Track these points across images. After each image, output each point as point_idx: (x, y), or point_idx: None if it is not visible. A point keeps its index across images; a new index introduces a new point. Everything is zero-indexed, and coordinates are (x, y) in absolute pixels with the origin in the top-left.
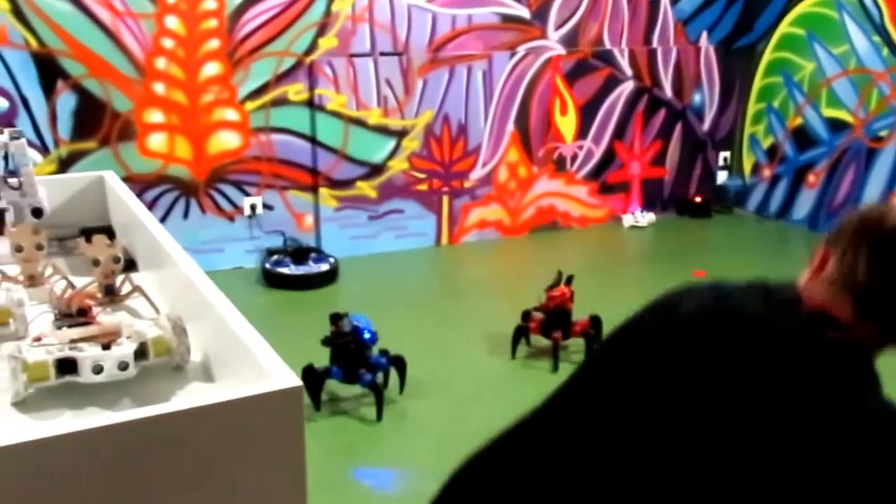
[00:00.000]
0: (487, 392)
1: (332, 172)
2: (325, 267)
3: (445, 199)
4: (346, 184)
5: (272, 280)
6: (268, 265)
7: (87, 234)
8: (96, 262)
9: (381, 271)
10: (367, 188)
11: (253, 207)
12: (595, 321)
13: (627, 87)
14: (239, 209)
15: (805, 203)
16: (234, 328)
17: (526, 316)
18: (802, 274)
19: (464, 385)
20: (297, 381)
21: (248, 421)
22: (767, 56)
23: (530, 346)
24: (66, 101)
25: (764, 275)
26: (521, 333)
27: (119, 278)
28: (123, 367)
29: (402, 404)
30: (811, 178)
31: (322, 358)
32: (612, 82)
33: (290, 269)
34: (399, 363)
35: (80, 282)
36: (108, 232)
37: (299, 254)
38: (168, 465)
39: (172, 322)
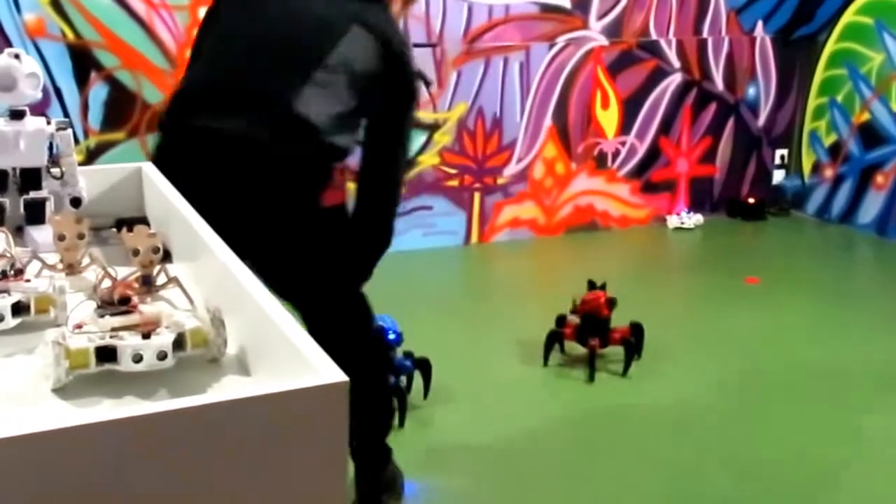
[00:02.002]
0: (516, 401)
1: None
2: None
3: (477, 195)
4: None
5: None
6: None
7: (123, 224)
8: (136, 252)
9: (407, 270)
10: None
11: None
12: (636, 329)
13: (675, 80)
14: None
15: (872, 206)
16: (274, 319)
17: (561, 321)
18: None
19: (492, 392)
20: (343, 376)
21: (293, 415)
22: (830, 47)
23: (564, 354)
24: (99, 93)
25: (827, 285)
26: (554, 339)
27: (156, 269)
28: (162, 356)
29: (426, 411)
30: (879, 178)
31: None
32: (658, 75)
33: None
34: (424, 366)
35: (115, 272)
36: (144, 223)
37: None
38: (206, 458)
39: (211, 313)
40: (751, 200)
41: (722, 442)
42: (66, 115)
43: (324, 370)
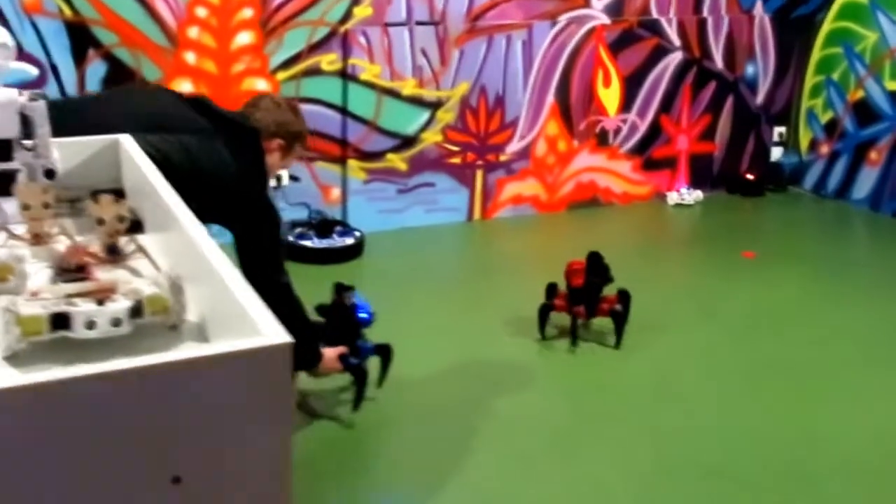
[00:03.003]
0: (509, 372)
1: (362, 144)
2: (350, 241)
3: (479, 172)
4: (376, 156)
5: (295, 253)
6: (291, 238)
7: (97, 195)
8: (100, 221)
9: (408, 246)
10: (397, 160)
11: (279, 179)
12: (623, 296)
13: (675, 59)
14: None
15: (866, 182)
16: (231, 287)
17: (551, 293)
18: None
19: (486, 363)
20: (286, 338)
21: (235, 375)
22: (827, 26)
23: (552, 326)
24: (96, 70)
25: (821, 259)
26: (546, 311)
27: (124, 239)
28: (117, 323)
29: (417, 380)
30: (873, 155)
31: None
32: (658, 53)
33: (313, 243)
34: (384, 352)
35: (85, 242)
36: (119, 194)
37: (324, 227)
38: (153, 418)
39: (170, 281)
40: (749, 177)
41: (708, 411)
42: (62, 92)
43: (267, 332)
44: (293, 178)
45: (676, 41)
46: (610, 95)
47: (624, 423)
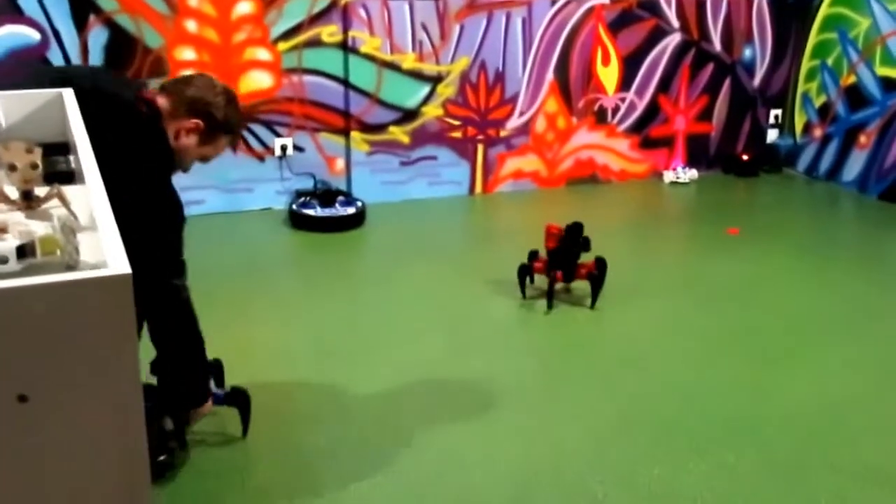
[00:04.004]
0: (489, 333)
1: (364, 116)
2: (351, 210)
3: (480, 147)
4: (379, 128)
5: (298, 221)
6: (294, 206)
7: (46, 149)
8: (12, 168)
9: (410, 218)
10: (399, 133)
11: (283, 148)
12: (600, 263)
13: (674, 40)
14: (269, 150)
15: (855, 164)
16: (103, 231)
17: (532, 256)
18: None
19: (468, 325)
20: (126, 269)
21: (77, 303)
22: (823, 11)
23: (534, 286)
24: (98, 36)
25: (803, 237)
26: (525, 272)
27: (45, 188)
28: (4, 261)
29: (401, 342)
30: (862, 138)
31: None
32: (657, 34)
33: (316, 212)
34: (241, 400)
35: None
36: (65, 148)
37: (326, 196)
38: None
39: (62, 222)
40: (745, 158)
41: (668, 373)
42: (65, 58)
43: (113, 265)
44: (298, 148)
45: (675, 23)
46: (609, 74)
47: (588, 382)
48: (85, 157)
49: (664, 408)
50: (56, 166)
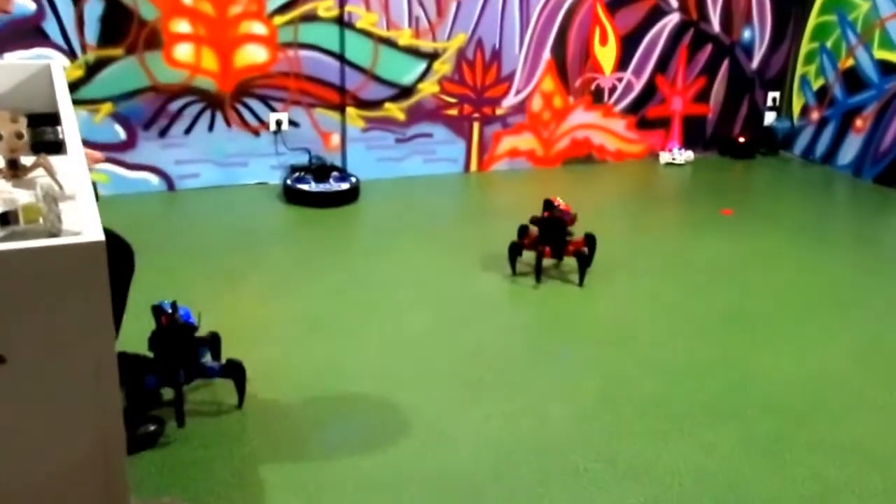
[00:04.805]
0: (476, 309)
1: (360, 92)
2: (345, 186)
3: (476, 125)
4: (374, 104)
5: (292, 196)
6: (289, 181)
7: (33, 119)
8: None
9: (404, 194)
10: (395, 110)
11: (279, 123)
12: (589, 239)
13: (672, 20)
14: (265, 124)
15: (851, 148)
16: (79, 201)
17: (523, 233)
18: None
19: (457, 301)
20: (100, 237)
21: (53, 268)
22: None
23: (526, 263)
24: (94, 7)
25: (794, 219)
26: (516, 249)
27: (32, 158)
28: None
29: (389, 317)
30: (859, 122)
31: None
32: (656, 14)
33: (310, 187)
34: (237, 372)
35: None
36: (54, 119)
37: (321, 172)
38: None
39: (44, 191)
40: (741, 140)
41: (653, 351)
42: (61, 28)
43: (87, 232)
44: (293, 123)
45: (674, 2)
46: (606, 54)
47: (573, 359)
48: (70, 127)
49: (647, 386)
50: (43, 136)
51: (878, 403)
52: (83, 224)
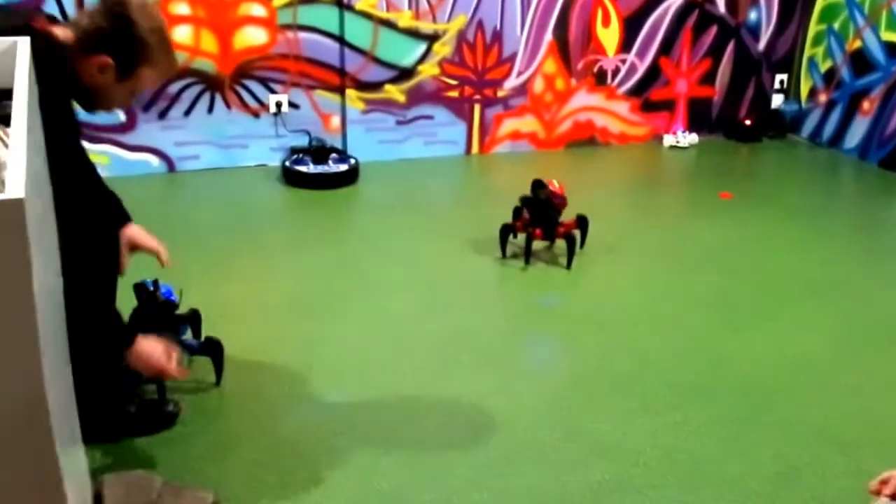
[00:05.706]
0: (464, 291)
1: (359, 74)
2: (344, 168)
3: (477, 107)
4: (374, 86)
5: (291, 178)
6: (288, 163)
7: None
8: None
9: (403, 176)
10: (395, 92)
11: (278, 105)
12: (581, 221)
13: (677, 1)
14: (264, 106)
15: (858, 131)
16: (13, 162)
17: (516, 215)
18: None
19: (445, 283)
20: (20, 195)
21: None
22: None
23: (517, 245)
24: None
25: (795, 202)
26: (507, 231)
27: None
28: None
29: (376, 298)
30: (865, 104)
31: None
32: None
33: (308, 168)
34: (214, 350)
35: None
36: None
37: (320, 153)
38: None
39: None
40: (748, 123)
41: (631, 333)
42: (61, 9)
43: (9, 190)
44: (293, 105)
45: None
46: (609, 35)
47: (552, 340)
48: (19, 100)
49: (620, 366)
50: (6, 110)
51: (850, 386)
52: (7, 182)
